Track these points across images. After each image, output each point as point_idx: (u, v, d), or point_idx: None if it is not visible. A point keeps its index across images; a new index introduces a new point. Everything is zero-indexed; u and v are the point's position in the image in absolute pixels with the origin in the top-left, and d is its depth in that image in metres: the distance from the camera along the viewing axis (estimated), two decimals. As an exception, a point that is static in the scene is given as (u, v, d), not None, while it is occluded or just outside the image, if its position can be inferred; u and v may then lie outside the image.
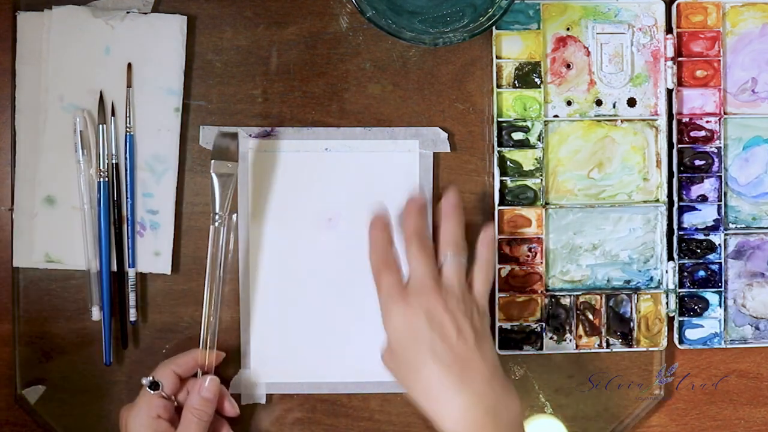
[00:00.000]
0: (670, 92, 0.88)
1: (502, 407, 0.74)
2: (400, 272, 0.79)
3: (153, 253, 0.85)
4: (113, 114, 0.84)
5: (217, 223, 0.81)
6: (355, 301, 0.86)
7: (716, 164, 0.88)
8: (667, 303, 0.88)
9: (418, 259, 0.79)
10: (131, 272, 0.84)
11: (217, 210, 0.82)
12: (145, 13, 0.84)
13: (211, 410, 0.80)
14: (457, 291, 0.78)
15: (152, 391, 0.78)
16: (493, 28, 0.85)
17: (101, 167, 0.83)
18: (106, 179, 0.83)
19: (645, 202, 0.88)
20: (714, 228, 0.88)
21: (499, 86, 0.86)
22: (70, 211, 0.84)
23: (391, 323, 0.77)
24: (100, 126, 0.83)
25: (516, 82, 0.86)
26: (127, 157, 0.84)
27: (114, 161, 0.84)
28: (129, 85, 0.84)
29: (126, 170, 0.84)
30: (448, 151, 0.87)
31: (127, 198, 0.84)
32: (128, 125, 0.84)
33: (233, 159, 0.82)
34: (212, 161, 0.81)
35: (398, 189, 0.86)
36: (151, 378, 0.79)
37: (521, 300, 0.87)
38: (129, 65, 0.84)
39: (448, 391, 0.74)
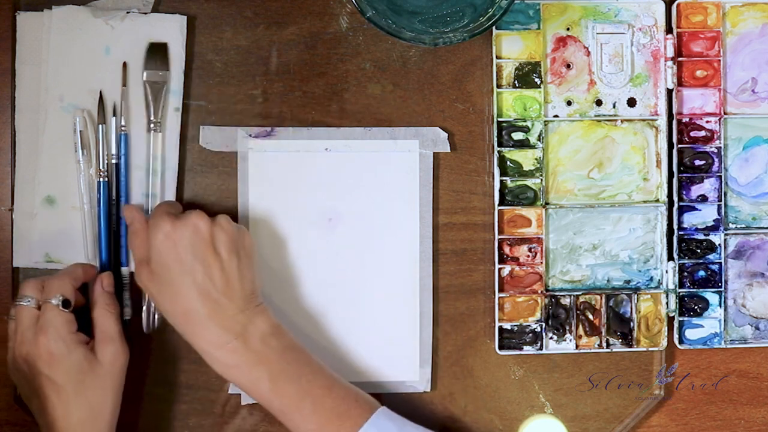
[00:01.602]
0: (670, 92, 0.88)
1: (251, 327, 0.79)
2: (176, 207, 0.81)
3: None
4: (114, 114, 0.84)
5: (152, 132, 0.84)
6: (355, 301, 0.86)
7: (716, 164, 0.88)
8: (667, 303, 0.88)
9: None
10: (124, 270, 0.84)
11: (152, 117, 0.83)
12: (145, 13, 0.84)
13: (116, 302, 0.82)
14: (224, 220, 0.80)
15: (66, 310, 0.78)
16: (493, 28, 0.85)
17: (101, 167, 0.83)
18: (106, 179, 0.83)
19: (645, 202, 0.88)
20: (714, 228, 0.88)
21: (499, 86, 0.86)
22: (70, 211, 0.84)
23: (155, 237, 0.78)
24: (100, 126, 0.83)
25: (516, 82, 0.86)
26: (122, 155, 0.84)
27: (114, 161, 0.84)
28: (124, 84, 0.84)
29: (123, 169, 0.84)
30: (448, 151, 0.87)
31: (119, 197, 0.84)
32: (122, 124, 0.84)
33: (164, 68, 0.84)
34: (144, 71, 0.83)
35: (398, 189, 0.87)
36: (61, 297, 0.78)
37: (521, 300, 0.87)
38: (124, 64, 0.84)
39: (199, 319, 0.78)
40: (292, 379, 0.79)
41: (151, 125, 0.83)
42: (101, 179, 0.83)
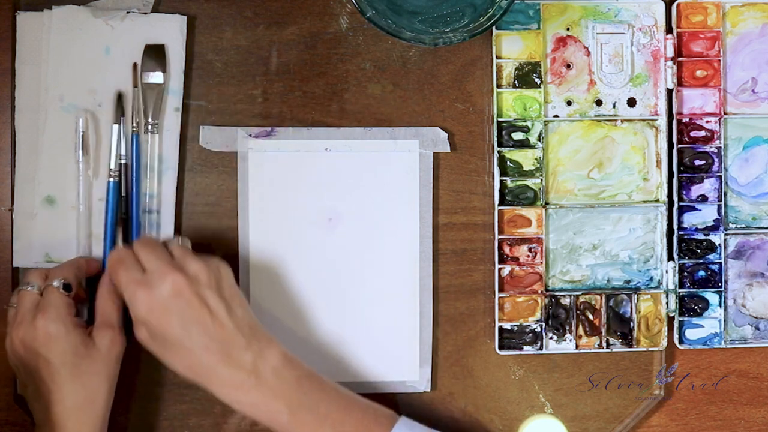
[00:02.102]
0: (670, 92, 0.88)
1: (261, 363, 0.78)
2: (138, 268, 0.78)
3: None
4: (122, 114, 0.84)
5: (150, 134, 0.83)
6: (355, 301, 0.86)
7: (716, 164, 0.88)
8: (667, 303, 0.88)
9: (147, 250, 0.79)
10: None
11: (149, 119, 0.83)
12: (145, 13, 0.84)
13: (119, 292, 0.81)
14: (194, 265, 0.78)
15: (66, 293, 0.78)
16: (493, 28, 0.85)
17: (112, 167, 0.83)
18: (117, 179, 0.83)
19: (645, 202, 0.88)
20: (714, 228, 0.88)
21: (499, 86, 0.86)
22: (70, 211, 0.84)
23: (139, 311, 0.77)
24: (114, 126, 0.83)
25: (516, 82, 0.86)
26: (134, 156, 0.84)
27: (123, 161, 0.84)
28: (135, 85, 0.84)
29: (133, 169, 0.84)
30: (448, 151, 0.87)
31: (129, 196, 0.84)
32: (134, 125, 0.84)
33: (161, 70, 0.83)
34: (142, 72, 0.83)
35: (398, 189, 0.87)
36: (63, 280, 0.78)
37: (521, 300, 0.87)
38: (135, 65, 0.84)
39: (209, 368, 0.77)
40: (311, 408, 0.78)
41: (149, 126, 0.83)
42: (111, 179, 0.83)
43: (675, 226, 0.88)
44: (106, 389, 0.79)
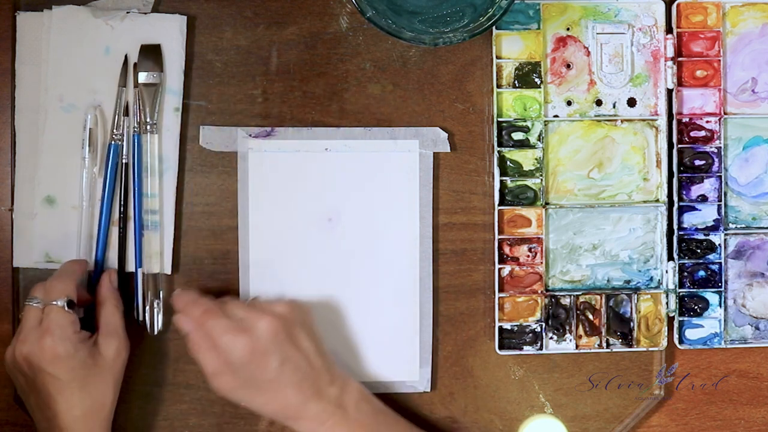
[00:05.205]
0: (670, 92, 0.88)
1: (345, 397, 0.81)
2: (223, 312, 0.80)
3: (153, 253, 0.85)
4: (126, 114, 0.84)
5: (149, 133, 0.84)
6: (355, 301, 0.86)
7: (716, 164, 0.88)
8: (667, 303, 0.88)
9: (227, 306, 0.81)
10: (138, 272, 0.84)
11: (147, 119, 0.83)
12: (145, 13, 0.84)
13: (120, 298, 0.83)
14: (279, 307, 0.81)
15: (70, 310, 0.78)
16: (493, 28, 0.85)
17: (114, 131, 0.83)
18: (120, 142, 0.83)
19: (645, 202, 0.88)
20: (714, 228, 0.88)
21: (499, 86, 0.86)
22: (70, 211, 0.84)
23: (238, 356, 0.78)
24: (121, 89, 0.83)
25: (516, 82, 0.86)
26: (134, 156, 0.84)
27: (124, 161, 0.84)
28: (136, 85, 0.84)
29: (135, 169, 0.84)
30: (448, 151, 0.87)
31: (130, 196, 0.84)
32: (135, 126, 0.84)
33: (158, 70, 0.83)
34: (139, 73, 0.83)
35: (398, 189, 0.87)
36: (66, 298, 0.78)
37: (521, 300, 0.87)
38: (135, 65, 0.84)
39: (300, 405, 0.80)
40: None
41: (147, 126, 0.83)
42: (114, 142, 0.83)
43: (675, 226, 0.88)
44: (112, 394, 0.80)
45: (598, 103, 0.88)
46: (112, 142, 0.83)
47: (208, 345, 0.79)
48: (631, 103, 0.88)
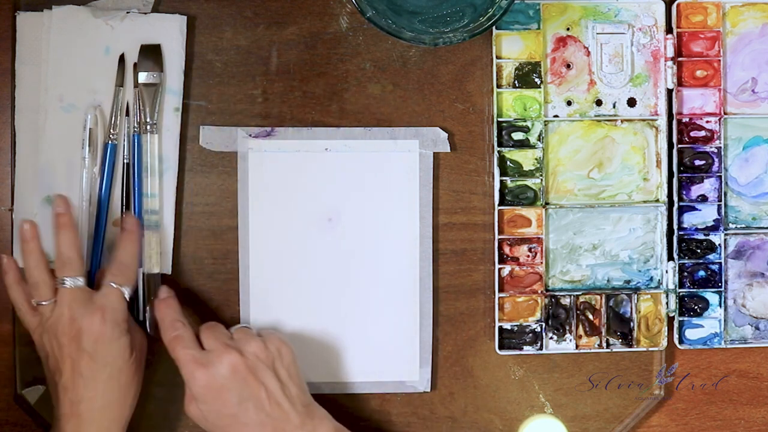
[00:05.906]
0: (670, 92, 0.88)
1: None
2: (197, 346, 0.80)
3: (153, 253, 0.85)
4: (127, 114, 0.84)
5: (149, 133, 0.83)
6: (355, 301, 0.86)
7: (716, 164, 0.88)
8: (667, 303, 0.88)
9: (208, 332, 0.81)
10: (139, 272, 0.84)
11: (147, 119, 0.83)
12: (145, 13, 0.84)
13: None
14: (252, 344, 0.80)
15: (127, 300, 0.80)
16: (493, 28, 0.85)
17: (112, 130, 0.83)
18: (116, 142, 0.83)
19: (645, 202, 0.88)
20: (714, 228, 0.88)
21: (499, 86, 0.86)
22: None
23: (195, 388, 0.78)
24: (118, 88, 0.83)
25: (516, 82, 0.86)
26: (134, 156, 0.84)
27: (125, 161, 0.84)
28: (136, 85, 0.84)
29: (135, 169, 0.84)
30: (448, 151, 0.87)
31: (131, 196, 0.84)
32: (135, 126, 0.84)
33: (158, 70, 0.83)
34: (139, 73, 0.83)
35: (398, 189, 0.87)
36: (130, 289, 0.80)
37: (521, 300, 0.87)
38: (135, 65, 0.84)
39: None
40: None
41: (147, 126, 0.83)
42: (111, 142, 0.83)
43: (675, 226, 0.88)
44: (135, 391, 0.81)
45: (598, 103, 0.88)
46: (109, 142, 0.83)
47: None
48: (631, 103, 0.88)
